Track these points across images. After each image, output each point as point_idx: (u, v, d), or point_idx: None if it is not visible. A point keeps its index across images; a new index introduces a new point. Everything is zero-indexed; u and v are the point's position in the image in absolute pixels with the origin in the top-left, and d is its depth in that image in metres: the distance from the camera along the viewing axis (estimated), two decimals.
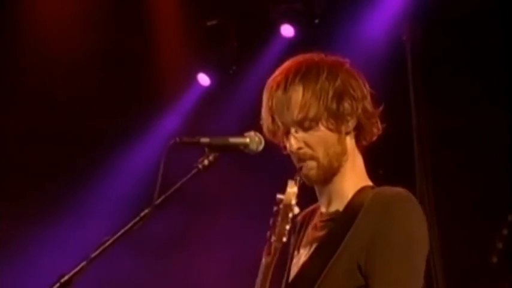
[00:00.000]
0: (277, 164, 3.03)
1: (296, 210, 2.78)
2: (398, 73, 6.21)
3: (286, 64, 3.01)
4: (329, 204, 3.00)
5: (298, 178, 2.83)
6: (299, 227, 3.13)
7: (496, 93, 6.26)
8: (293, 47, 6.90)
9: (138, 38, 7.12)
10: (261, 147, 2.95)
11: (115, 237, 2.80)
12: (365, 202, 2.87)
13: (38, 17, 6.92)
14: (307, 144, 2.93)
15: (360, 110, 2.93)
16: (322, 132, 2.92)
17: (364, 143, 3.00)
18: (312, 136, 2.92)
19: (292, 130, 2.93)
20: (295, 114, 2.90)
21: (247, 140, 2.94)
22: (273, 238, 2.76)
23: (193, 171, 2.84)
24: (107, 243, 2.79)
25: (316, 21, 6.78)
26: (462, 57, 6.33)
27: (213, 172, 2.93)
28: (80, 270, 2.76)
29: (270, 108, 2.95)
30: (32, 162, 7.01)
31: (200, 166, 2.85)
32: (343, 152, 2.94)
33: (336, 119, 2.91)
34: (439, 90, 6.31)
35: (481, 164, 6.27)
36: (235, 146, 2.94)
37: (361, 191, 2.95)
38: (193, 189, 2.82)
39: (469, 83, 6.31)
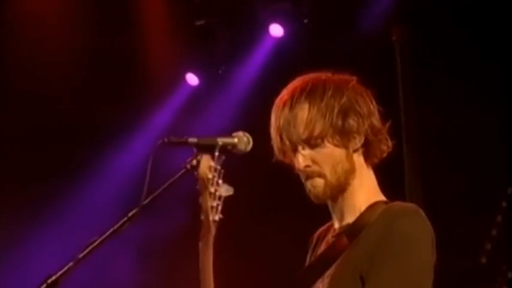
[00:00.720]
0: (280, 166, 3.04)
1: (228, 190, 2.74)
2: (387, 71, 6.23)
3: (293, 83, 3.00)
4: (342, 219, 3.00)
5: (217, 154, 2.79)
6: (314, 244, 3.13)
7: (487, 92, 6.29)
8: (282, 46, 6.93)
9: (126, 37, 7.12)
10: (249, 148, 2.95)
11: (102, 237, 2.80)
12: (374, 217, 2.89)
13: (27, 17, 6.93)
14: (314, 162, 2.93)
15: (366, 127, 2.93)
16: (329, 149, 2.92)
17: (375, 160, 3.00)
18: (318, 153, 2.92)
19: (299, 148, 2.93)
20: (301, 131, 2.91)
21: (236, 140, 2.93)
22: (202, 217, 2.72)
23: (181, 172, 2.83)
24: (95, 244, 2.80)
25: (305, 21, 6.79)
26: (452, 57, 6.36)
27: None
28: (66, 271, 2.76)
29: (278, 128, 2.95)
30: (21, 162, 7.03)
31: (188, 166, 2.82)
32: (352, 169, 2.94)
33: (342, 135, 2.91)
34: (427, 89, 6.33)
35: (471, 163, 6.30)
36: (224, 146, 2.94)
37: (373, 206, 2.94)
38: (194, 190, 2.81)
39: (458, 82, 6.34)
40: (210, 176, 2.73)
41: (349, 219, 2.96)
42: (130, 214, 2.82)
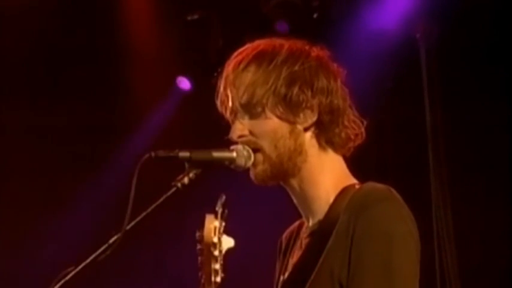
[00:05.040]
0: None
1: (228, 243, 2.73)
2: (411, 66, 6.33)
3: (250, 44, 3.01)
4: (310, 214, 2.96)
5: (220, 210, 2.74)
6: (284, 249, 3.10)
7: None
8: None
9: (110, 37, 7.14)
10: (250, 163, 2.91)
11: (80, 267, 2.79)
12: (344, 206, 2.84)
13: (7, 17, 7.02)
14: (252, 133, 2.91)
15: (320, 103, 2.89)
16: (270, 122, 2.89)
17: (339, 147, 2.94)
18: (258, 124, 2.91)
19: (239, 115, 2.93)
20: (241, 95, 2.91)
21: (234, 154, 2.90)
22: (203, 279, 2.71)
23: (171, 191, 2.80)
24: (70, 275, 2.79)
25: (315, 15, 6.77)
26: (477, 53, 6.48)
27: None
28: None
29: (224, 90, 2.96)
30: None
31: (179, 185, 2.81)
32: (297, 149, 2.89)
33: (286, 107, 2.88)
34: (453, 85, 6.47)
35: (498, 162, 6.51)
36: (220, 161, 2.90)
37: (343, 192, 2.90)
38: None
39: (483, 78, 6.50)
40: (215, 240, 2.70)
41: (319, 214, 2.91)
42: (111, 241, 2.80)
